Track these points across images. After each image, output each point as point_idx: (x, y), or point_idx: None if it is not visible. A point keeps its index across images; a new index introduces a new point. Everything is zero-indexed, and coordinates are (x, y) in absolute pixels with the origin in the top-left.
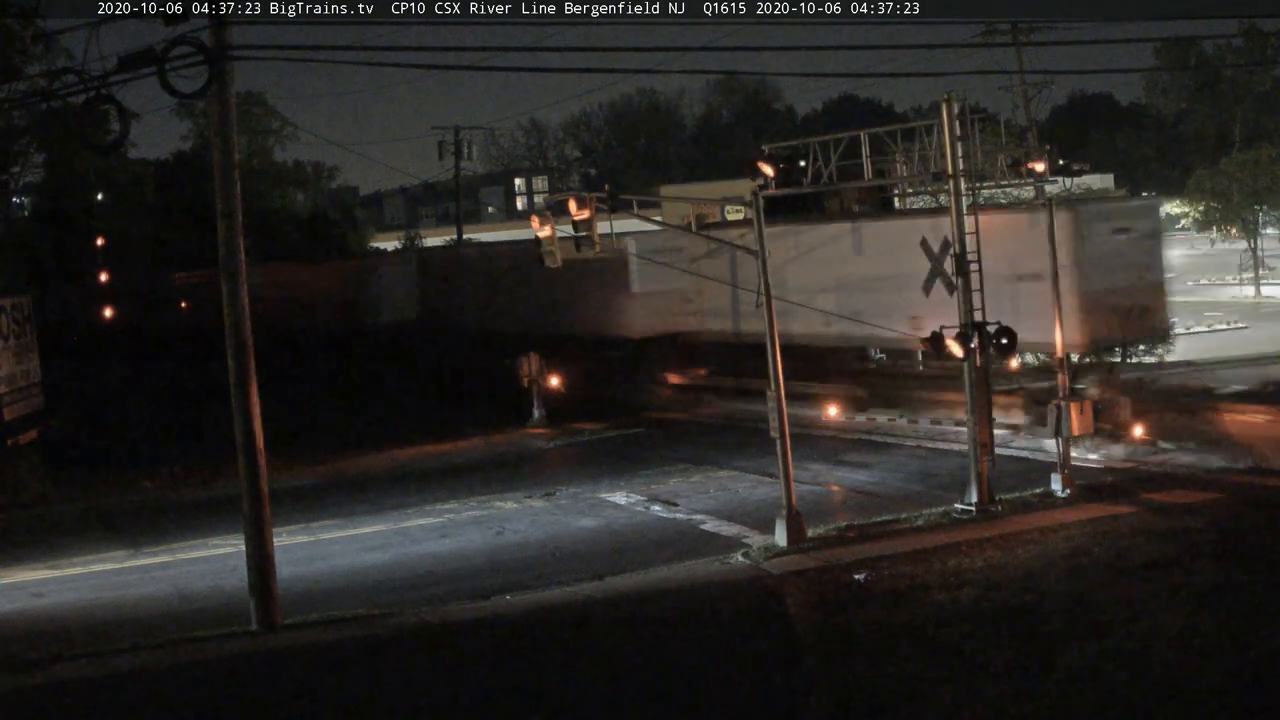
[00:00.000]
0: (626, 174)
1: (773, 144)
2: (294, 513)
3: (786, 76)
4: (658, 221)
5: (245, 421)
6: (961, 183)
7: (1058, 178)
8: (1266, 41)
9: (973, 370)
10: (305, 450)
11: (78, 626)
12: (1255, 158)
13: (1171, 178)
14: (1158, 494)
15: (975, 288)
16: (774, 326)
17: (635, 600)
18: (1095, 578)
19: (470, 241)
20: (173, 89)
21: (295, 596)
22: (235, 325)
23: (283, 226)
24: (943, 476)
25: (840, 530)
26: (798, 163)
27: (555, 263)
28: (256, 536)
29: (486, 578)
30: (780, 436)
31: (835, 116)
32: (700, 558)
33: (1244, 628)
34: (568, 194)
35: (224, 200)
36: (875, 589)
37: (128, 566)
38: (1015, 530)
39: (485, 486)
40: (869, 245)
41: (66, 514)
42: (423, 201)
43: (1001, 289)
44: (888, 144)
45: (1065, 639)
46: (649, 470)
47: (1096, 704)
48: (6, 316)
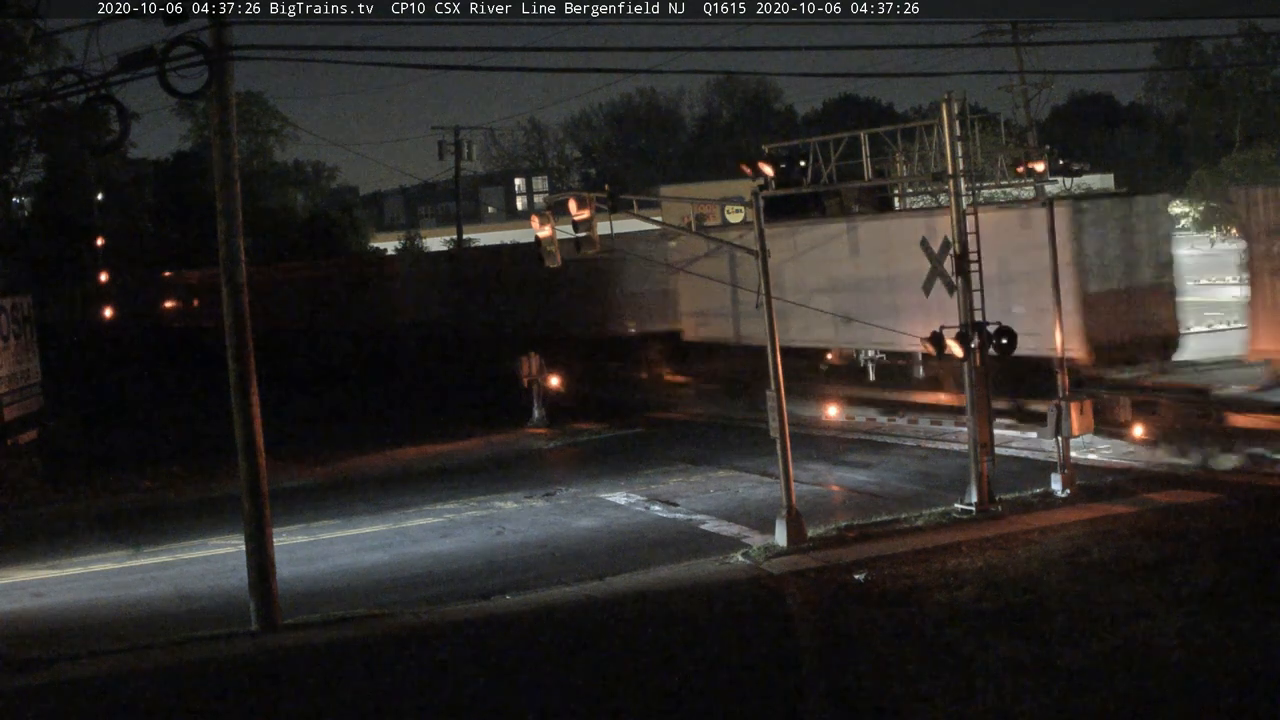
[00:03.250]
0: (626, 174)
1: (773, 144)
2: (294, 513)
3: (786, 76)
4: (657, 221)
5: (245, 421)
6: (961, 183)
7: (1058, 178)
8: (1266, 41)
9: (973, 370)
10: (305, 450)
11: (78, 626)
12: (1255, 158)
13: (1171, 178)
14: (1158, 494)
15: (975, 288)
16: (774, 327)
17: (635, 600)
18: (1095, 578)
19: (472, 242)
20: (173, 89)
21: (295, 596)
22: (235, 325)
23: (283, 226)
24: (943, 476)
25: (840, 530)
26: (798, 163)
27: (555, 262)
28: (256, 536)
29: (486, 578)
30: (780, 436)
31: (835, 116)
32: (700, 558)
33: (1244, 628)
34: (568, 194)
35: (224, 200)
36: (875, 589)
37: (128, 566)
38: (1015, 530)
39: (485, 486)
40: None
41: (66, 514)
42: (423, 201)
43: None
44: (888, 144)
45: (1065, 639)
46: (649, 470)
47: (1096, 704)
48: (6, 316)
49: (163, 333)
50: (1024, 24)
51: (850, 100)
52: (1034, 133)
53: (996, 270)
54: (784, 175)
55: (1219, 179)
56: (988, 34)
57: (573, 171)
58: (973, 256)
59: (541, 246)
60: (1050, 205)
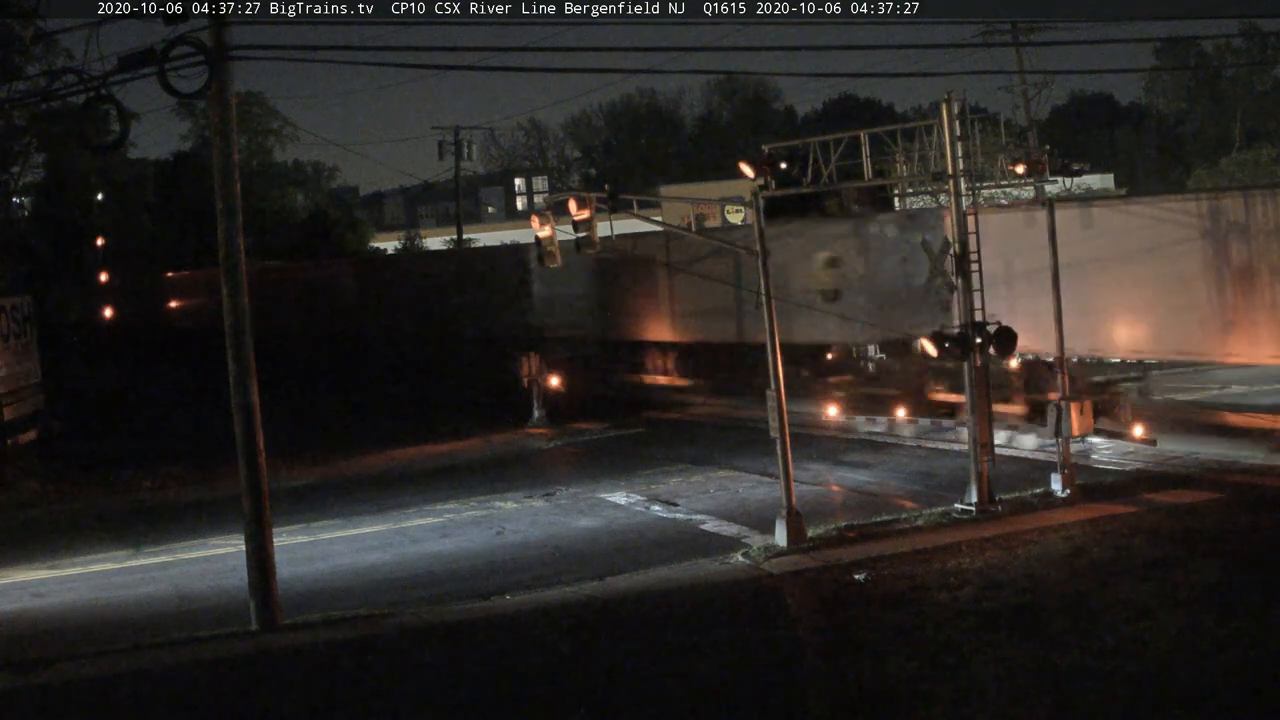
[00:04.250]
0: (626, 174)
1: (773, 144)
2: (294, 513)
3: (786, 76)
4: (657, 221)
5: (245, 421)
6: (961, 183)
7: (1058, 178)
8: (1266, 41)
9: (973, 370)
10: (305, 450)
11: (78, 626)
12: (1255, 158)
13: (1171, 178)
14: (1158, 494)
15: (976, 288)
16: (774, 327)
17: (635, 600)
18: (1095, 578)
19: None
20: (173, 89)
21: (295, 596)
22: (235, 325)
23: (282, 226)
24: (943, 476)
25: (840, 530)
26: (797, 163)
27: (555, 262)
28: (257, 536)
29: (486, 578)
30: (780, 436)
31: (835, 116)
32: (700, 558)
33: (1244, 628)
34: (568, 194)
35: (224, 200)
36: (875, 589)
37: (128, 566)
38: (1015, 530)
39: (485, 486)
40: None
41: (66, 514)
42: (423, 201)
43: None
44: (888, 144)
45: (1065, 639)
46: (649, 470)
47: (1096, 704)
48: (6, 316)
49: (163, 332)
50: (1024, 24)
51: (850, 100)
52: (1034, 133)
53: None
54: (784, 175)
55: (1219, 179)
56: (988, 34)
57: (573, 171)
58: (973, 256)
59: (542, 246)
60: (1051, 206)
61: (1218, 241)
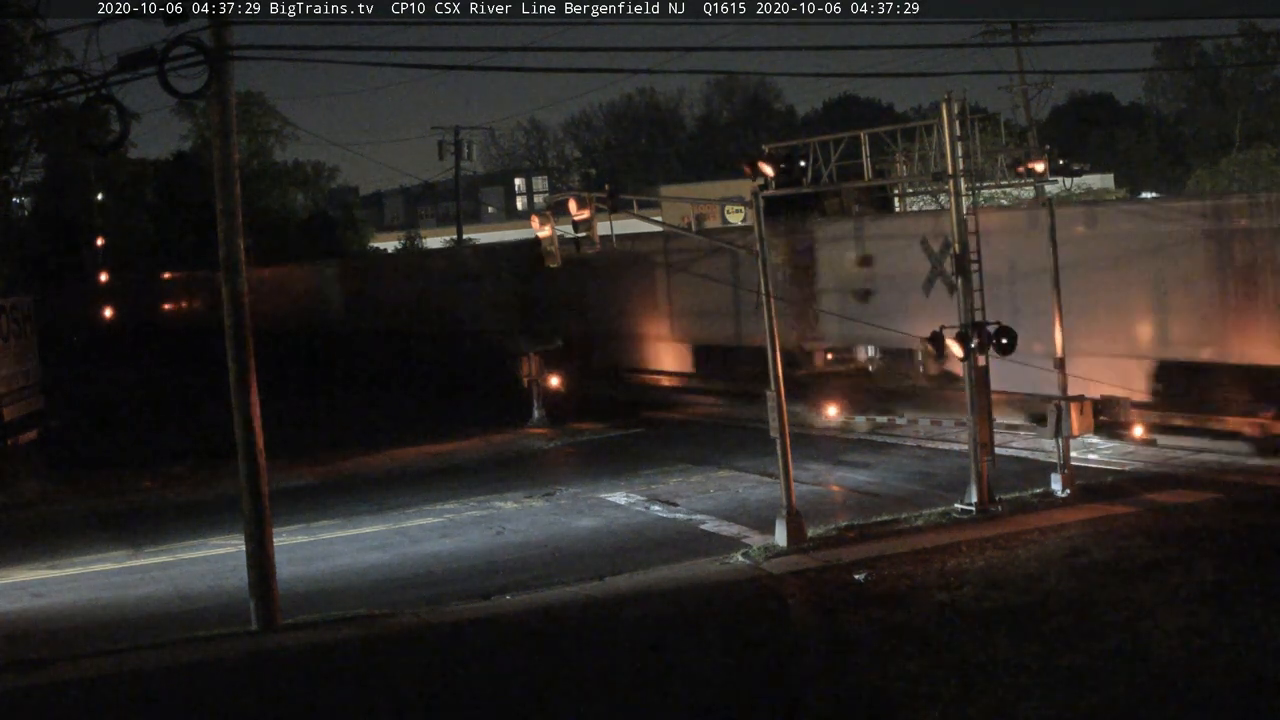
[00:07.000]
0: (626, 174)
1: (773, 144)
2: (294, 513)
3: (786, 76)
4: (657, 221)
5: (245, 421)
6: (962, 183)
7: (1058, 178)
8: (1266, 41)
9: (973, 370)
10: (305, 450)
11: (78, 626)
12: (1255, 158)
13: (1171, 178)
14: (1158, 494)
15: (976, 288)
16: (774, 327)
17: (635, 600)
18: (1095, 578)
19: (471, 242)
20: (173, 89)
21: (295, 596)
22: (235, 325)
23: (282, 226)
24: (943, 476)
25: (840, 530)
26: (797, 162)
27: (555, 262)
28: (256, 536)
29: (486, 578)
30: (780, 436)
31: (835, 116)
32: (700, 558)
33: (1244, 627)
34: (568, 194)
35: (224, 199)
36: (875, 589)
37: (128, 566)
38: (1015, 530)
39: (485, 486)
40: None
41: (66, 514)
42: (423, 201)
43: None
44: (888, 144)
45: (1065, 639)
46: (649, 470)
47: (1096, 704)
48: (6, 316)
49: (163, 333)
50: (1024, 24)
51: (850, 100)
52: (1034, 133)
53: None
54: (784, 175)
55: (1219, 179)
56: (988, 34)
57: (573, 171)
58: (973, 256)
59: (542, 246)
60: (1050, 206)
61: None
